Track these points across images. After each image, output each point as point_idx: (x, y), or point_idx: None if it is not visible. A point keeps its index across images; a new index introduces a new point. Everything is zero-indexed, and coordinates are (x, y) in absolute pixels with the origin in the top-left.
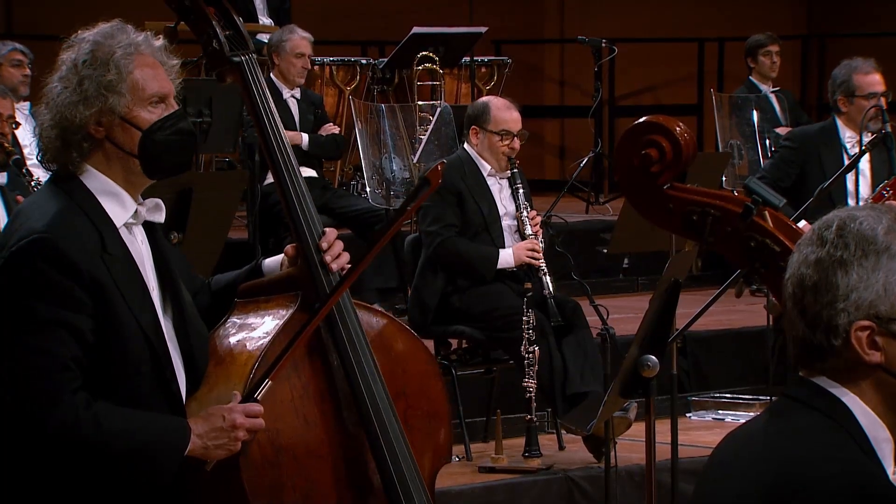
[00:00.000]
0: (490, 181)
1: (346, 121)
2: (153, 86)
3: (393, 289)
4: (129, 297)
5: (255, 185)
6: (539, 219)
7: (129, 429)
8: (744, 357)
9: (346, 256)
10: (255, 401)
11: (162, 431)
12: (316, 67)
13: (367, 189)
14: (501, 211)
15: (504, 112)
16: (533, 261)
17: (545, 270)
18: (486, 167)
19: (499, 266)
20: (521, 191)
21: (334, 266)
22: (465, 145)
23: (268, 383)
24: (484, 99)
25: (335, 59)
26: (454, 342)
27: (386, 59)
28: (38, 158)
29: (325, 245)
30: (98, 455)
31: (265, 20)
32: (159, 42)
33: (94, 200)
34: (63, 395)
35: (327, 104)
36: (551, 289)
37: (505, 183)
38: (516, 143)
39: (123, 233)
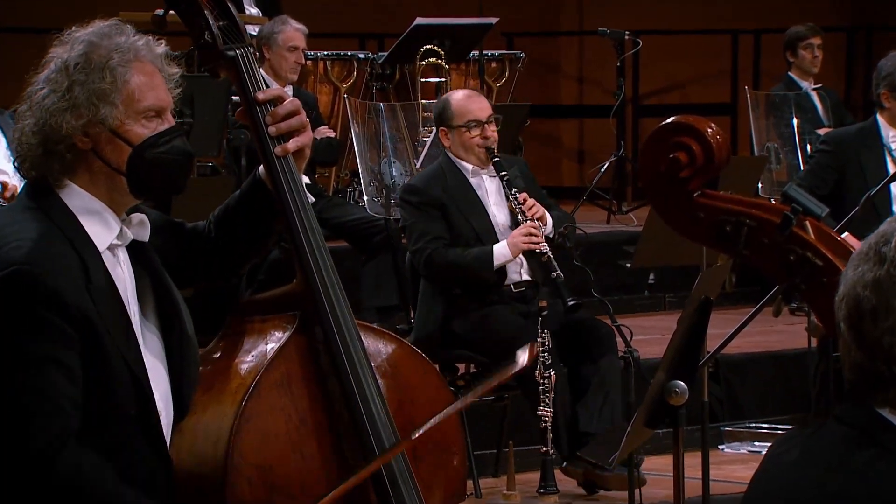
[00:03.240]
0: (476, 183)
1: (342, 122)
2: (150, 97)
3: (393, 307)
4: (115, 333)
5: None
6: (531, 201)
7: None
8: (783, 383)
9: (295, 120)
10: None
11: None
12: (308, 62)
13: (365, 197)
14: (493, 215)
15: (465, 102)
16: (532, 245)
17: (549, 254)
18: (467, 167)
19: (497, 261)
20: (506, 179)
21: (272, 130)
22: (445, 150)
23: None
24: (444, 96)
25: (329, 53)
26: (461, 367)
27: (386, 54)
28: (15, 165)
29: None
30: None
31: (251, 10)
32: (161, 48)
33: (75, 222)
34: (63, 439)
35: (321, 103)
36: (559, 271)
37: (496, 182)
38: (489, 131)
39: (107, 257)
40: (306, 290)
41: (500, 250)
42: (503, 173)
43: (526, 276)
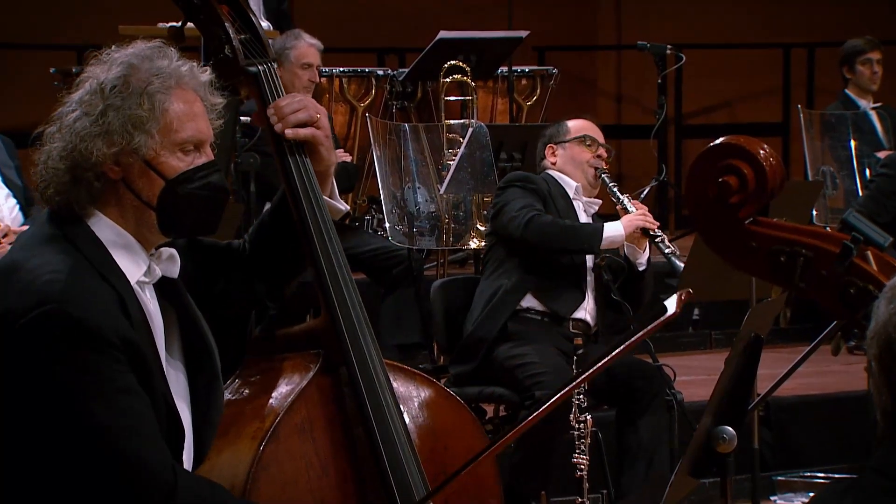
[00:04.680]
0: (577, 206)
1: (360, 143)
2: (189, 128)
3: (415, 345)
4: (154, 366)
5: (252, 221)
6: (644, 208)
7: None
8: (840, 428)
9: (303, 114)
10: None
11: None
12: (323, 80)
13: (387, 224)
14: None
15: (584, 123)
16: (648, 223)
17: (661, 236)
18: (571, 184)
19: (608, 235)
20: (614, 187)
21: (288, 133)
22: (546, 171)
23: None
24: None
25: (346, 69)
26: (489, 408)
27: (407, 70)
28: (40, 191)
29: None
30: None
31: (262, 23)
32: (206, 75)
33: (106, 254)
34: (173, 463)
35: (337, 123)
36: (672, 247)
37: (590, 218)
38: (603, 153)
39: (137, 292)
40: (330, 327)
41: (613, 226)
42: (612, 184)
43: (589, 318)
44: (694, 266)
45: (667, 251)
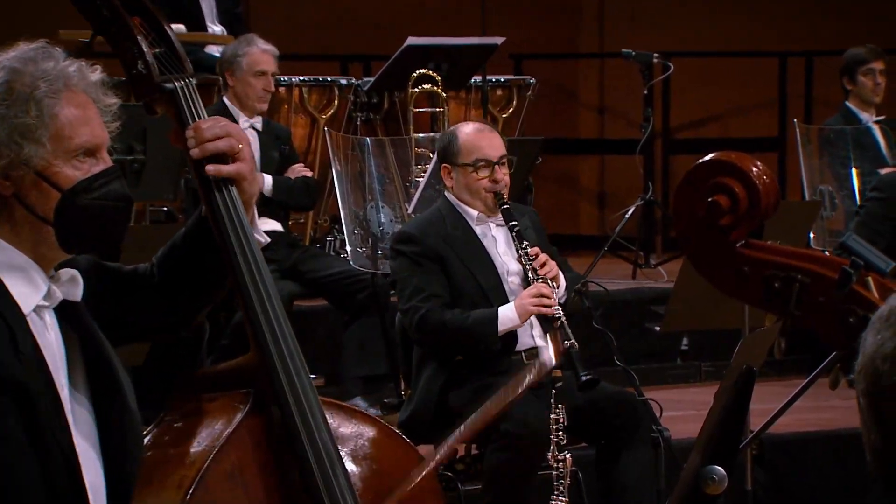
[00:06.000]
0: (481, 232)
1: (322, 159)
2: (83, 134)
3: (381, 377)
4: (46, 410)
5: None
6: (544, 256)
7: None
8: (840, 468)
9: (223, 143)
10: None
11: None
12: (282, 89)
13: (348, 247)
14: (502, 269)
15: (475, 137)
16: (543, 309)
17: (562, 320)
18: (471, 213)
19: (503, 326)
20: (516, 230)
21: (210, 169)
22: (445, 192)
23: None
24: (451, 127)
25: (307, 78)
26: (460, 448)
27: (373, 79)
28: None
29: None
30: None
31: (215, 28)
32: (97, 75)
33: None
34: None
35: (296, 137)
36: (573, 340)
37: (505, 231)
38: (500, 174)
39: (32, 320)
40: (259, 363)
41: (507, 314)
42: (513, 223)
43: (541, 342)
44: (682, 292)
45: (566, 343)
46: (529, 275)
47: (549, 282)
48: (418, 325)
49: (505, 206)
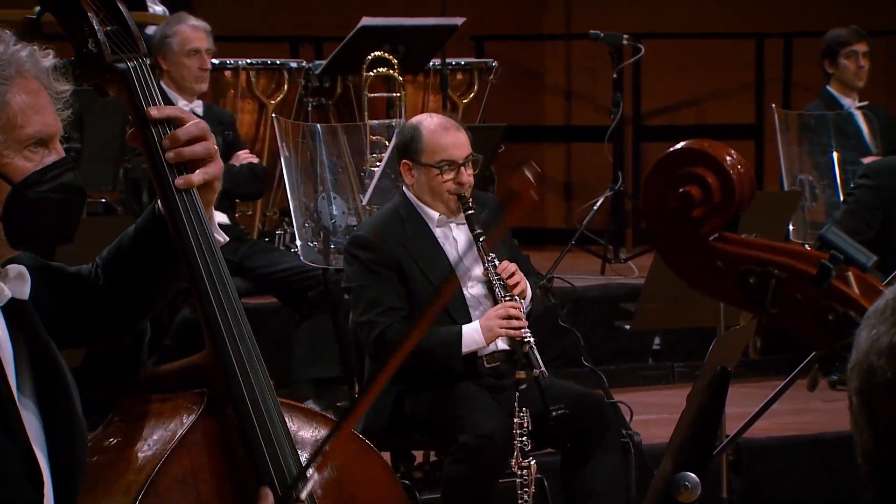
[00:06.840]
0: (441, 234)
1: (271, 146)
2: (36, 123)
3: (334, 379)
4: (8, 405)
5: None
6: (513, 267)
7: None
8: (821, 474)
9: (200, 147)
10: None
11: None
12: (228, 73)
13: (298, 241)
14: (463, 275)
15: (440, 135)
16: (510, 331)
17: (531, 343)
18: (432, 215)
19: (466, 348)
20: (482, 240)
21: (185, 181)
22: (404, 188)
23: None
24: (414, 120)
25: (254, 61)
26: (418, 454)
27: (324, 62)
28: None
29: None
30: None
31: (155, 8)
32: (49, 60)
33: None
34: None
35: (243, 123)
36: (543, 368)
37: (465, 231)
38: (465, 175)
39: None
40: (215, 362)
41: (472, 335)
42: (478, 231)
43: (503, 346)
44: (654, 289)
45: (535, 372)
46: (497, 290)
47: (516, 298)
48: (376, 343)
49: (469, 212)
